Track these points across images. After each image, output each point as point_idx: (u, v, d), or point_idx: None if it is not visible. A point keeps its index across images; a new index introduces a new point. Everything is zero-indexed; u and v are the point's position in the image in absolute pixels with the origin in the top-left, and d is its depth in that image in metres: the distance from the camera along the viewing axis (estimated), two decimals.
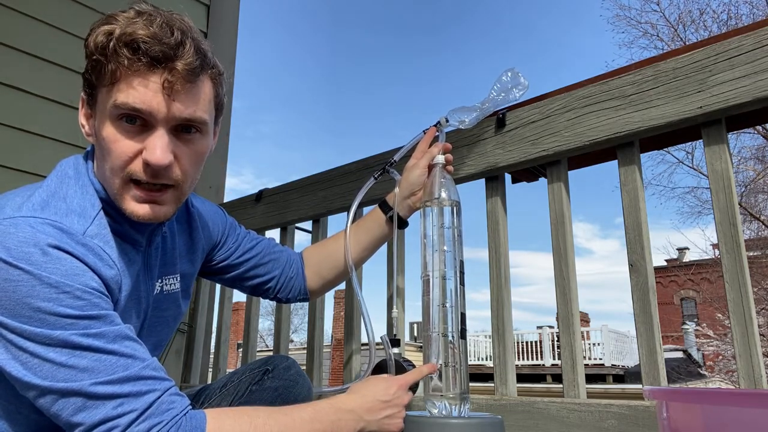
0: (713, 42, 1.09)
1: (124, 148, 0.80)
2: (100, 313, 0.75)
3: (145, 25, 0.78)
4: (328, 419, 0.86)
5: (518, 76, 1.25)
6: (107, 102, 0.79)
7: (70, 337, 0.72)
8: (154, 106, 0.79)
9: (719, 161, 1.06)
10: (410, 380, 0.99)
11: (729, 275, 1.02)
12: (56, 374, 0.71)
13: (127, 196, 0.82)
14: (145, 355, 0.77)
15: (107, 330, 0.74)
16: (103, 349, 0.73)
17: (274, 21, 69.38)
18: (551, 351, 15.99)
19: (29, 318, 0.71)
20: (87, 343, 0.72)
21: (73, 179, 0.85)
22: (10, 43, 2.20)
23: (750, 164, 14.64)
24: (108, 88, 0.79)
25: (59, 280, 0.72)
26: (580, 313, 1.22)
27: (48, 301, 0.71)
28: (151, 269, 0.94)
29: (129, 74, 0.78)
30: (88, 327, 0.73)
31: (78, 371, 0.71)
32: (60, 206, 0.80)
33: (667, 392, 0.71)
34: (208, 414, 0.78)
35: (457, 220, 1.11)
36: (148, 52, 0.77)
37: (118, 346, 0.74)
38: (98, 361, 0.72)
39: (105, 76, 0.79)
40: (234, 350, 21.05)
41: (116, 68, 0.77)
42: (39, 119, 2.24)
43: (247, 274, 1.21)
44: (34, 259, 0.72)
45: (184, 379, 2.18)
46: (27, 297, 0.71)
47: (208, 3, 2.80)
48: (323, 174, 1.79)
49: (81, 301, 0.73)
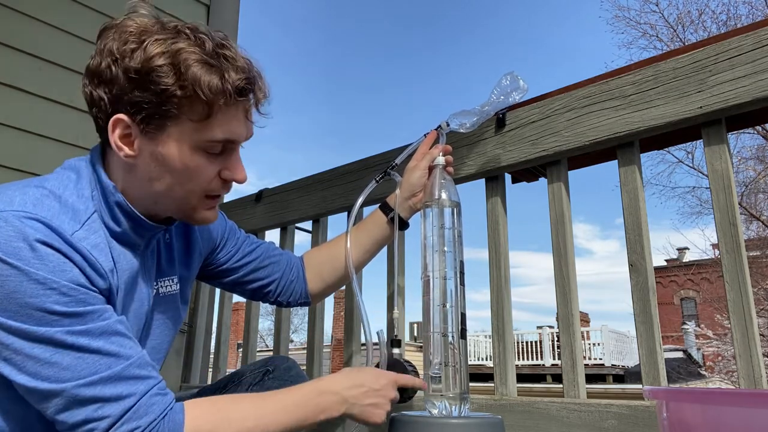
0: (713, 42, 1.09)
1: (210, 173, 0.86)
2: (86, 309, 0.75)
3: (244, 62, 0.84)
4: (312, 403, 0.88)
5: (517, 79, 1.25)
6: (193, 135, 0.82)
7: (54, 334, 0.72)
8: (243, 134, 0.87)
9: (719, 161, 1.07)
10: (402, 381, 0.99)
11: (729, 275, 1.02)
12: (40, 372, 0.72)
13: (202, 207, 0.90)
14: (132, 351, 0.78)
15: (93, 327, 0.75)
16: (87, 348, 0.74)
17: (275, 23, 69.41)
18: (551, 351, 15.99)
19: (15, 313, 0.71)
20: (71, 341, 0.73)
21: (74, 182, 0.85)
22: (10, 43, 2.20)
23: (750, 164, 14.66)
24: (197, 124, 0.82)
25: (46, 276, 0.73)
26: (580, 313, 1.22)
27: (35, 297, 0.72)
28: (148, 270, 0.94)
29: (223, 108, 0.82)
30: (73, 324, 0.74)
31: (61, 369, 0.72)
32: (53, 206, 0.79)
33: (667, 392, 0.71)
34: (187, 412, 0.78)
35: (458, 221, 1.11)
36: (244, 90, 0.83)
37: (102, 343, 0.75)
38: (81, 359, 0.73)
39: (195, 111, 0.81)
40: (234, 350, 21.04)
41: (218, 108, 0.81)
42: (39, 119, 2.24)
43: (246, 277, 1.20)
44: (23, 254, 0.72)
45: (184, 379, 2.18)
46: (14, 293, 0.71)
47: (208, 3, 2.80)
48: (323, 174, 1.79)
49: (67, 297, 0.74)
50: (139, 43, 0.79)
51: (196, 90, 0.78)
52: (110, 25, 0.83)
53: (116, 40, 0.80)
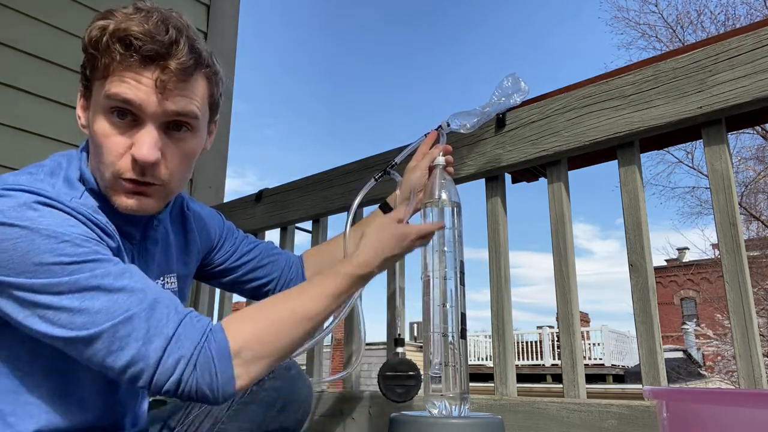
0: (713, 42, 1.09)
1: (116, 144, 0.81)
2: (102, 256, 0.76)
3: (141, 22, 0.78)
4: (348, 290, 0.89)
5: (519, 81, 1.25)
6: (100, 94, 0.80)
7: (78, 281, 0.72)
8: (144, 98, 0.79)
9: (719, 161, 1.07)
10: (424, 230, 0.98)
11: (729, 275, 1.02)
12: (74, 321, 0.71)
13: (120, 190, 0.83)
14: (157, 287, 0.78)
15: (113, 269, 0.75)
16: (113, 288, 0.73)
17: (275, 23, 69.46)
18: (551, 351, 15.99)
19: (35, 272, 0.71)
20: (95, 283, 0.73)
21: (63, 170, 0.86)
22: (10, 43, 2.20)
23: (750, 164, 14.66)
24: (101, 82, 0.80)
25: (56, 230, 0.73)
26: (580, 313, 1.22)
27: (49, 252, 0.72)
28: (148, 263, 0.94)
29: (121, 69, 0.79)
30: (94, 269, 0.73)
31: (94, 314, 0.71)
32: (47, 181, 0.81)
33: (667, 392, 0.71)
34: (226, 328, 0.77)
35: (458, 221, 1.11)
36: (141, 49, 0.78)
37: (127, 282, 0.75)
38: (111, 300, 0.73)
39: (98, 70, 0.80)
40: None
41: (109, 62, 0.79)
42: (39, 119, 2.24)
43: (245, 276, 1.20)
44: (26, 215, 0.73)
45: None
46: (28, 252, 0.71)
47: (208, 3, 2.80)
48: (323, 174, 1.79)
49: (82, 248, 0.74)
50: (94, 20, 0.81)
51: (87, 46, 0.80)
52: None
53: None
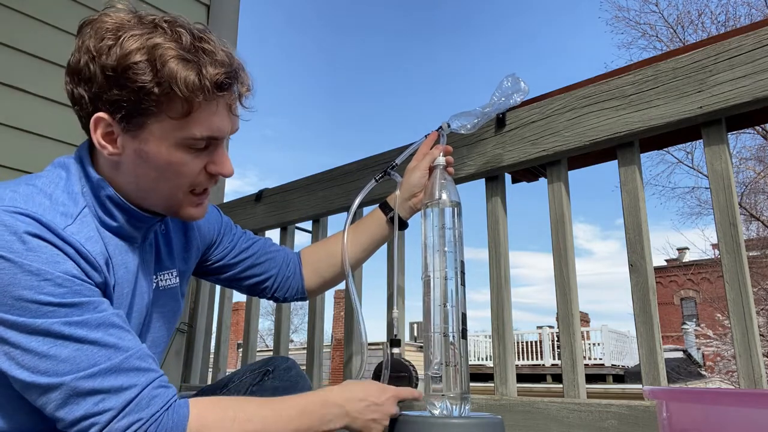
0: (713, 42, 1.09)
1: (195, 168, 0.85)
2: (83, 300, 0.75)
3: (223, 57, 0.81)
4: (316, 413, 0.87)
5: (519, 81, 1.25)
6: (175, 132, 0.80)
7: (51, 325, 0.71)
8: (225, 129, 0.84)
9: (719, 161, 1.07)
10: (402, 395, 0.99)
11: (729, 275, 1.02)
12: (38, 365, 0.71)
13: (188, 204, 0.89)
14: (132, 343, 0.77)
15: (90, 318, 0.74)
16: (84, 339, 0.72)
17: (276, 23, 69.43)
18: (551, 351, 15.99)
19: (11, 307, 0.71)
20: (68, 332, 0.72)
21: (64, 180, 0.85)
22: (10, 43, 2.20)
23: (750, 164, 14.66)
24: (177, 121, 0.80)
25: (40, 267, 0.72)
26: (580, 313, 1.22)
27: (29, 289, 0.71)
28: (147, 264, 0.94)
29: (203, 104, 0.80)
30: (70, 314, 0.73)
31: (59, 362, 0.71)
32: (43, 202, 0.79)
33: (667, 392, 0.71)
34: (192, 406, 0.77)
35: (458, 221, 1.11)
36: (223, 84, 0.80)
37: (101, 335, 0.74)
38: (80, 351, 0.72)
39: (174, 108, 0.79)
40: (234, 350, 21.04)
41: (192, 101, 0.79)
42: (39, 119, 2.24)
43: (243, 273, 1.20)
44: (14, 247, 0.72)
45: (184, 379, 2.18)
46: (8, 285, 0.71)
47: (208, 3, 2.80)
48: (323, 174, 1.79)
49: (62, 288, 0.73)
50: (116, 40, 0.77)
51: (173, 87, 0.76)
52: (88, 20, 0.81)
53: (93, 36, 0.78)
